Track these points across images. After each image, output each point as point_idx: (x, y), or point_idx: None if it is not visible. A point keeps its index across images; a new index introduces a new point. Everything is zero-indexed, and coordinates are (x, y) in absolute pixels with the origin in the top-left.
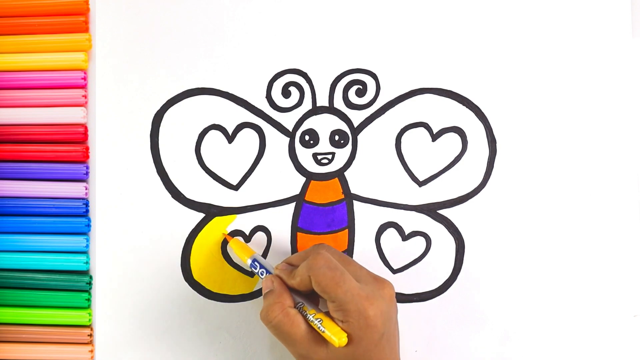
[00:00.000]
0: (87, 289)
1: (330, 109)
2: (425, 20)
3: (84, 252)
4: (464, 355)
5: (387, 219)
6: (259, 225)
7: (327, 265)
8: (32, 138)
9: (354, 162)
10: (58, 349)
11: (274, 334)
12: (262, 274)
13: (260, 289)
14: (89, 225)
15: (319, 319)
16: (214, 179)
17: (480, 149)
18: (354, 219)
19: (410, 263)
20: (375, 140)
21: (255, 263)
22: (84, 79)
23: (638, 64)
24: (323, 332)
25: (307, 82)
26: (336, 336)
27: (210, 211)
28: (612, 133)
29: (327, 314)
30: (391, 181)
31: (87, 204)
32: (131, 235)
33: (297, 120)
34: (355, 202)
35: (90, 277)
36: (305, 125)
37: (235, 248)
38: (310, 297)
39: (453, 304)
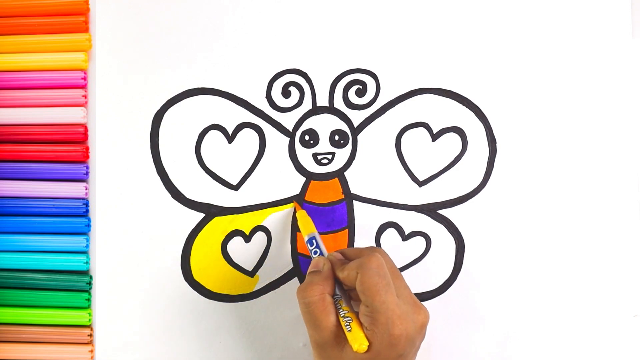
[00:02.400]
0: (87, 289)
1: (330, 109)
2: (425, 20)
3: (84, 252)
4: (464, 355)
5: (387, 219)
6: (259, 225)
7: (377, 270)
8: (32, 138)
9: (354, 162)
10: (58, 349)
11: (302, 311)
12: (315, 253)
13: (260, 289)
14: (89, 225)
15: (349, 318)
16: (214, 179)
17: (480, 149)
18: (354, 219)
19: (410, 263)
20: (375, 140)
21: (313, 240)
22: (84, 79)
23: (638, 64)
24: (349, 331)
25: (307, 82)
26: (358, 341)
27: (210, 211)
28: (612, 133)
29: (358, 315)
30: (391, 181)
31: (87, 204)
32: (131, 235)
33: (297, 120)
34: (355, 202)
35: (90, 277)
36: (305, 125)
37: (301, 220)
38: (349, 294)
39: (453, 304)
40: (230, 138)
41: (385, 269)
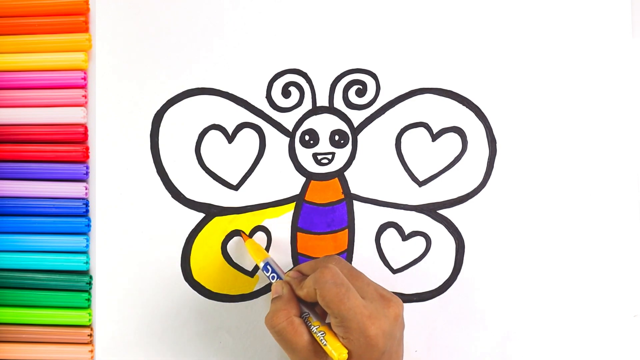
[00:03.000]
0: (87, 289)
1: (330, 109)
2: (425, 20)
3: (84, 252)
4: (464, 355)
5: (387, 219)
6: (259, 225)
7: (333, 280)
8: (32, 138)
9: (354, 162)
10: (58, 349)
11: (276, 339)
12: (272, 278)
13: (260, 289)
14: (89, 225)
15: (322, 332)
16: (214, 179)
17: (480, 149)
18: (354, 219)
19: (410, 263)
20: (375, 140)
21: (268, 267)
22: (84, 79)
23: (638, 64)
24: (325, 345)
25: (307, 82)
26: (337, 351)
27: (210, 211)
28: (612, 133)
29: (330, 327)
30: (391, 181)
31: (87, 204)
32: (131, 235)
33: (297, 120)
34: (355, 202)
35: (90, 277)
36: (305, 125)
37: (250, 249)
38: (317, 308)
39: (453, 304)
40: (230, 138)
41: (342, 277)
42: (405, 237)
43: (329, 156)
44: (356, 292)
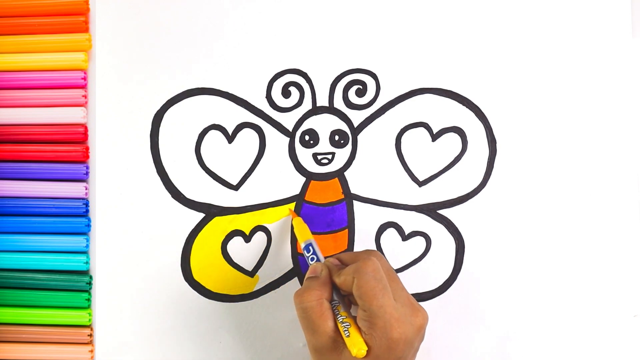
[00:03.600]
0: (87, 289)
1: (330, 109)
2: (425, 20)
3: (84, 252)
4: (464, 355)
5: (387, 219)
6: (259, 225)
7: (373, 274)
8: (32, 138)
9: (354, 162)
10: (58, 349)
11: (300, 316)
12: (312, 260)
13: (260, 289)
14: (89, 225)
15: (347, 324)
16: (214, 179)
17: (480, 149)
18: (354, 219)
19: (410, 263)
20: (375, 140)
21: (310, 247)
22: (84, 79)
23: (638, 64)
24: (347, 336)
25: (307, 82)
26: (357, 346)
27: (210, 211)
28: (612, 133)
29: (356, 320)
30: (391, 181)
31: (87, 204)
32: (131, 235)
33: (297, 120)
34: (355, 202)
35: (90, 277)
36: (305, 125)
37: (297, 227)
38: (347, 300)
39: (453, 304)
40: (230, 138)
41: (382, 273)
42: (405, 237)
43: (329, 156)
44: (391, 292)
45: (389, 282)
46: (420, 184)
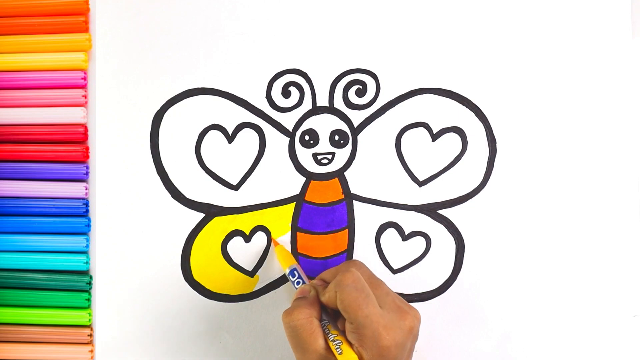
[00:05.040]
0: (87, 289)
1: (330, 109)
2: (425, 20)
3: (84, 252)
4: (464, 355)
5: (387, 219)
6: (259, 225)
7: (354, 285)
8: (32, 138)
9: (354, 162)
10: (58, 349)
11: (289, 336)
12: (297, 284)
13: (260, 289)
14: (89, 225)
15: (339, 341)
16: (214, 179)
17: (480, 149)
18: (354, 219)
19: (410, 263)
20: (375, 140)
21: (295, 272)
22: (84, 79)
23: (638, 64)
24: (340, 354)
25: (307, 82)
26: None
27: (210, 211)
28: (612, 133)
29: (344, 334)
30: (391, 181)
31: (87, 204)
32: (131, 235)
33: (297, 120)
34: (355, 202)
35: (90, 277)
36: (305, 125)
37: (279, 254)
38: (335, 318)
39: (453, 304)
40: (230, 138)
41: (363, 282)
42: (405, 237)
43: (329, 156)
44: (375, 299)
45: (373, 289)
46: (420, 184)
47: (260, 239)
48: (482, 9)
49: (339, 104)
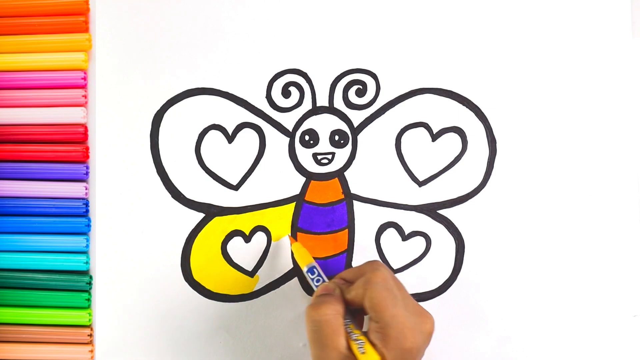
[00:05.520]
0: (87, 289)
1: (330, 109)
2: (425, 20)
3: (84, 252)
4: (464, 355)
5: (387, 219)
6: (259, 226)
7: (383, 284)
8: (32, 138)
9: (354, 162)
10: (58, 349)
11: (312, 329)
12: (317, 281)
13: (260, 289)
14: (89, 225)
15: (361, 341)
16: (214, 179)
17: (480, 149)
18: (354, 219)
19: (410, 263)
20: (375, 140)
21: (314, 270)
22: (84, 79)
23: (638, 64)
24: (362, 353)
25: (307, 82)
26: None
27: (210, 211)
28: (612, 133)
29: (366, 334)
30: (391, 181)
31: (87, 204)
32: (131, 235)
33: (297, 120)
34: (355, 202)
35: (90, 277)
36: (305, 125)
37: (297, 252)
38: (356, 318)
39: (453, 304)
40: (230, 138)
41: (391, 282)
42: (405, 237)
43: (329, 156)
44: (401, 301)
45: (397, 290)
46: (420, 184)
47: (260, 239)
48: (482, 9)
49: (339, 104)
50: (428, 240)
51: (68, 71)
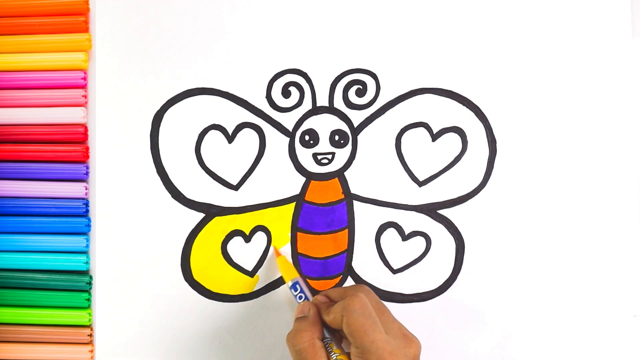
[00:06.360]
0: (87, 289)
1: (330, 109)
2: (425, 20)
3: (84, 252)
4: (464, 355)
5: (387, 219)
6: (259, 225)
7: (361, 310)
8: (32, 138)
9: (354, 162)
10: (58, 349)
11: (294, 358)
12: (299, 298)
13: (260, 289)
14: (89, 225)
15: None
16: (214, 179)
17: (480, 149)
18: (354, 219)
19: (410, 263)
20: (375, 140)
21: (297, 286)
22: (84, 79)
23: (638, 64)
24: None
25: (307, 82)
26: None
27: (210, 211)
28: (612, 133)
29: (349, 355)
30: (391, 181)
31: (87, 204)
32: (131, 235)
33: (297, 120)
34: (355, 202)
35: (90, 277)
36: (305, 125)
37: (281, 266)
38: (338, 335)
39: (453, 304)
40: (230, 138)
41: (370, 308)
42: (405, 237)
43: (329, 156)
44: (381, 326)
45: (379, 315)
46: (420, 184)
47: (260, 239)
48: (482, 9)
49: (339, 104)
50: (428, 240)
51: (68, 71)
